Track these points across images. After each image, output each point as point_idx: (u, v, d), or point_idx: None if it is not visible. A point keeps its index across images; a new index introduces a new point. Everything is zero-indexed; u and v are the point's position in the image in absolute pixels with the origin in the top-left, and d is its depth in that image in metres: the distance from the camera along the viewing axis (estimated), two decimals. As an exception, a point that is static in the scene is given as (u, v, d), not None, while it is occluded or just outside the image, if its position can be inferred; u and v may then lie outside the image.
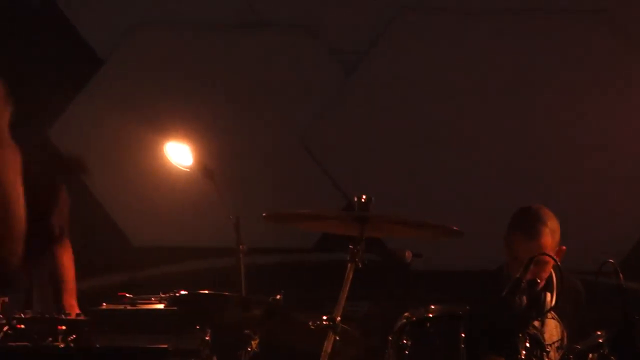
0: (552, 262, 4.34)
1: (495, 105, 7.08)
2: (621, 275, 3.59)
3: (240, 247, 4.86)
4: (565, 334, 4.17)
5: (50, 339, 4.43)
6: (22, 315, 4.54)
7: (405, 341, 3.61)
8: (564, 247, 4.55)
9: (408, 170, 6.84)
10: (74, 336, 4.48)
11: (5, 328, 4.38)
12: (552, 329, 4.17)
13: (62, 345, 4.41)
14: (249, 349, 4.09)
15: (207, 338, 4.53)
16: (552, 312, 3.97)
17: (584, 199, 6.74)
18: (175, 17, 7.06)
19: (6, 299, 4.65)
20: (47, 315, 4.65)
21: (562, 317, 4.28)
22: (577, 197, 6.65)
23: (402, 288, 5.41)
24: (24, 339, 4.39)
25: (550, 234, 4.47)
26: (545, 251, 4.34)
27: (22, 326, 4.46)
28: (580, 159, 6.94)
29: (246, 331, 4.10)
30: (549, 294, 3.71)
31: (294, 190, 6.67)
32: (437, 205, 6.17)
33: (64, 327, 4.51)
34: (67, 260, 5.02)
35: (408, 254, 5.16)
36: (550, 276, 4.33)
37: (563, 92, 7.11)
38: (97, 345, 4.50)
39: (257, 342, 4.11)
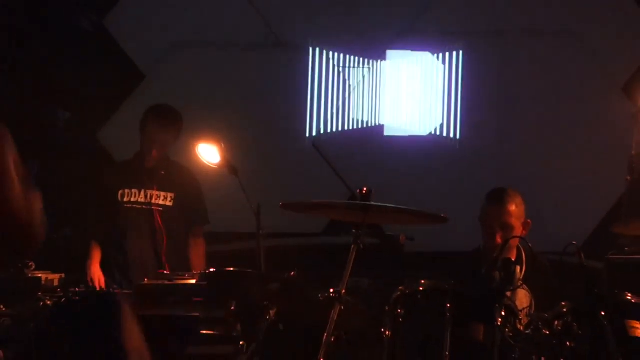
0: (518, 230, 4.44)
1: (482, 112, 7.08)
2: (582, 256, 3.59)
3: (260, 231, 4.88)
4: (533, 302, 4.16)
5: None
6: (76, 289, 4.57)
7: (399, 311, 3.61)
8: (529, 221, 4.57)
9: (403, 166, 6.84)
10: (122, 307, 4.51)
11: (63, 300, 4.40)
12: (522, 298, 4.16)
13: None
14: (267, 318, 4.10)
15: (232, 308, 4.54)
16: (522, 283, 3.96)
17: (553, 191, 6.74)
18: (206, 38, 7.06)
19: (63, 275, 4.67)
20: (97, 290, 4.70)
21: (531, 288, 4.28)
22: (547, 190, 6.64)
23: (397, 266, 5.39)
24: (78, 309, 4.41)
25: (515, 204, 4.50)
26: (510, 218, 4.45)
27: (77, 298, 4.49)
28: (549, 158, 6.93)
29: (265, 303, 4.11)
30: (518, 267, 3.69)
31: (305, 183, 6.67)
32: (427, 196, 6.16)
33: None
34: None
35: (402, 238, 5.16)
36: (520, 252, 4.33)
37: (536, 101, 7.09)
38: (141, 314, 4.53)
39: (274, 311, 4.12)
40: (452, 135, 7.04)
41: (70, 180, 5.48)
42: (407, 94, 7.13)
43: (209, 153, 5.29)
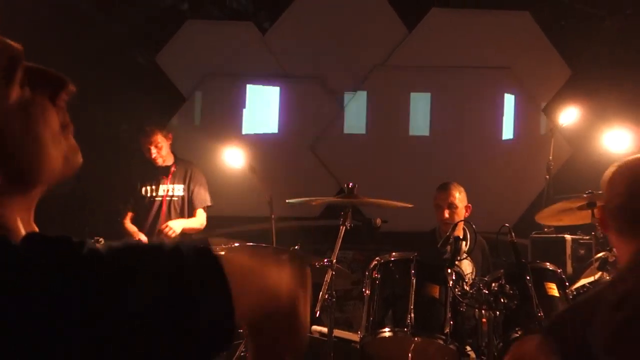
0: (461, 210, 4.52)
1: (437, 129, 7.11)
2: (513, 234, 3.60)
3: (272, 216, 4.88)
4: (475, 270, 4.18)
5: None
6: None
7: (375, 275, 3.62)
8: (470, 205, 4.63)
9: (379, 166, 6.86)
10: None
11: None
12: (467, 266, 4.18)
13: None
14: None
15: (251, 274, 4.56)
16: (467, 255, 3.98)
17: (492, 186, 6.76)
18: (232, 71, 7.07)
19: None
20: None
21: (474, 259, 4.31)
22: (488, 185, 6.66)
23: (374, 242, 5.40)
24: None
25: (457, 191, 4.57)
26: (454, 200, 4.52)
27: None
28: (490, 162, 6.96)
29: (275, 269, 4.11)
30: (464, 243, 3.72)
31: (306, 179, 6.69)
32: (397, 188, 6.18)
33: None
34: None
35: (378, 220, 5.13)
36: (465, 232, 4.35)
37: (481, 120, 7.13)
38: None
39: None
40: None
41: (127, 176, 5.45)
42: (386, 113, 7.17)
43: (234, 156, 5.30)
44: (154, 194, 5.06)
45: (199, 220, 5.16)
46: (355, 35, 7.07)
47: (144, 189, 5.07)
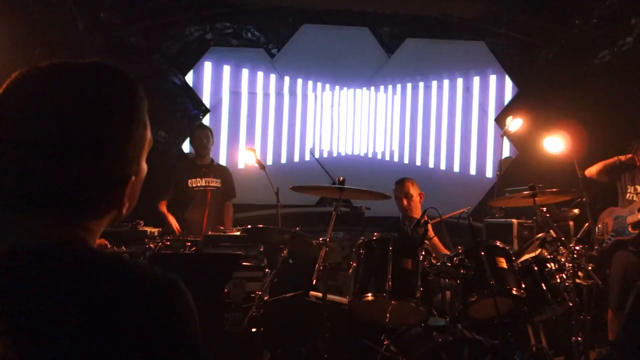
0: (416, 197, 4.63)
1: (412, 135, 7.08)
2: (470, 219, 3.58)
3: (278, 203, 4.85)
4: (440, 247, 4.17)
5: (182, 249, 4.44)
6: (168, 237, 4.55)
7: (361, 251, 3.60)
8: (423, 193, 4.71)
9: (363, 168, 6.83)
10: (194, 248, 4.48)
11: (160, 244, 4.38)
12: (435, 243, 4.17)
13: (187, 252, 4.41)
14: (282, 254, 4.07)
15: (261, 249, 4.53)
16: (434, 235, 3.96)
17: (455, 180, 6.74)
18: (249, 88, 7.02)
19: (160, 229, 4.65)
20: (180, 237, 4.67)
21: (439, 238, 4.29)
22: (451, 179, 6.64)
23: (360, 225, 5.37)
24: (169, 249, 4.39)
25: (410, 183, 4.66)
26: (409, 190, 4.62)
27: (168, 242, 4.47)
28: (455, 161, 6.94)
29: (281, 246, 4.08)
30: (430, 226, 3.69)
31: (306, 174, 6.63)
32: (378, 182, 6.14)
33: (189, 244, 4.52)
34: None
35: (363, 208, 5.13)
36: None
37: (446, 127, 7.09)
38: (207, 252, 4.50)
39: (286, 251, 4.09)
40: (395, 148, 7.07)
41: (162, 173, 5.42)
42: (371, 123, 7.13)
43: (248, 156, 5.28)
44: (198, 184, 5.20)
45: (230, 214, 5.40)
46: (346, 60, 7.03)
47: (189, 181, 5.19)
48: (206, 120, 6.88)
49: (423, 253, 3.44)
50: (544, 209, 3.90)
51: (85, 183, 0.86)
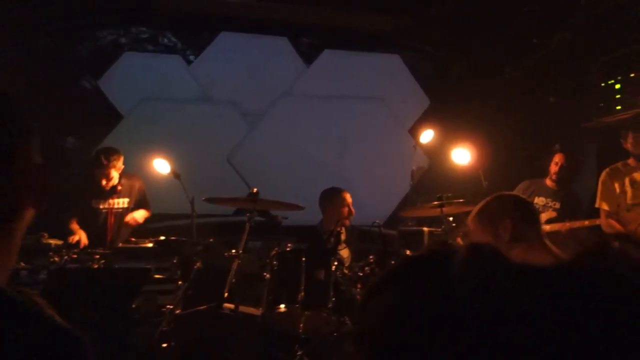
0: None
1: (326, 146, 7.15)
2: (382, 229, 3.66)
3: (194, 213, 4.76)
4: (351, 256, 4.22)
5: (90, 263, 4.26)
6: (75, 250, 4.35)
7: (274, 262, 3.60)
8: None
9: (281, 177, 6.83)
10: (103, 261, 4.31)
11: (66, 257, 4.18)
12: (346, 253, 4.22)
13: (96, 266, 4.23)
14: (196, 266, 4.01)
15: (174, 261, 4.42)
16: (345, 245, 4.01)
17: (370, 189, 6.86)
18: (163, 96, 6.85)
19: (64, 242, 4.43)
20: (89, 250, 4.47)
21: (351, 248, 4.35)
22: (366, 188, 6.76)
23: (276, 234, 5.36)
24: (76, 263, 4.20)
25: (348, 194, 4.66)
26: (350, 201, 4.60)
27: (75, 256, 4.27)
28: (371, 171, 7.07)
29: (194, 257, 4.01)
30: (343, 235, 3.74)
31: (223, 183, 6.56)
32: (294, 194, 6.16)
33: (97, 257, 4.34)
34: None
35: (280, 217, 5.12)
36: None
37: (363, 139, 7.22)
38: (116, 266, 4.34)
39: (200, 262, 4.03)
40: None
41: (71, 181, 5.18)
42: (289, 132, 7.15)
43: (162, 165, 5.15)
44: (101, 207, 4.88)
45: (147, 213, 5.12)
46: (264, 68, 7.02)
47: (93, 202, 4.88)
48: (120, 128, 6.65)
49: (335, 263, 3.48)
50: (451, 218, 4.05)
51: None
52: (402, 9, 6.70)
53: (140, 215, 4.95)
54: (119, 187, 4.90)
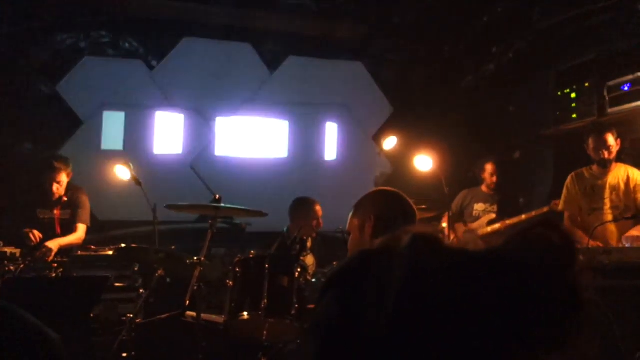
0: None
1: (292, 152, 7.15)
2: (345, 234, 3.67)
3: (155, 220, 4.71)
4: (315, 263, 4.24)
5: (47, 271, 4.15)
6: (31, 258, 4.24)
7: (237, 269, 3.58)
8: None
9: (244, 183, 6.79)
10: (61, 270, 4.21)
11: (22, 265, 4.07)
12: (311, 260, 4.23)
13: (53, 275, 4.13)
14: (157, 274, 3.95)
15: (136, 269, 4.36)
16: (310, 252, 4.02)
17: (337, 195, 6.88)
18: (125, 102, 6.72)
19: (21, 250, 4.32)
20: (45, 258, 4.35)
21: (315, 254, 4.36)
22: (335, 195, 6.77)
23: (240, 241, 5.34)
24: (32, 272, 4.09)
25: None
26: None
27: (31, 264, 4.16)
28: (339, 178, 7.09)
29: (155, 265, 3.96)
30: (309, 242, 3.76)
31: (186, 189, 6.48)
32: (258, 201, 6.14)
33: (55, 265, 4.24)
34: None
35: (243, 225, 5.11)
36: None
37: (322, 147, 7.23)
38: (75, 274, 4.25)
39: (162, 270, 3.98)
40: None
41: (26, 188, 5.05)
42: (252, 138, 7.12)
43: (123, 172, 5.08)
44: (47, 217, 4.84)
45: (77, 235, 4.88)
46: (228, 75, 6.98)
47: (39, 212, 4.83)
48: (79, 133, 6.51)
49: (299, 270, 3.49)
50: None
51: None
52: (364, 16, 6.79)
53: (55, 244, 4.58)
54: (65, 199, 4.88)
